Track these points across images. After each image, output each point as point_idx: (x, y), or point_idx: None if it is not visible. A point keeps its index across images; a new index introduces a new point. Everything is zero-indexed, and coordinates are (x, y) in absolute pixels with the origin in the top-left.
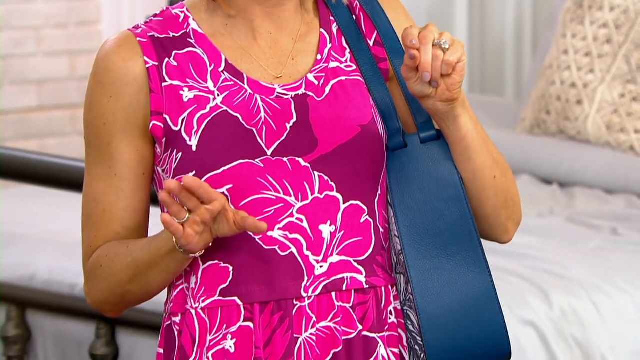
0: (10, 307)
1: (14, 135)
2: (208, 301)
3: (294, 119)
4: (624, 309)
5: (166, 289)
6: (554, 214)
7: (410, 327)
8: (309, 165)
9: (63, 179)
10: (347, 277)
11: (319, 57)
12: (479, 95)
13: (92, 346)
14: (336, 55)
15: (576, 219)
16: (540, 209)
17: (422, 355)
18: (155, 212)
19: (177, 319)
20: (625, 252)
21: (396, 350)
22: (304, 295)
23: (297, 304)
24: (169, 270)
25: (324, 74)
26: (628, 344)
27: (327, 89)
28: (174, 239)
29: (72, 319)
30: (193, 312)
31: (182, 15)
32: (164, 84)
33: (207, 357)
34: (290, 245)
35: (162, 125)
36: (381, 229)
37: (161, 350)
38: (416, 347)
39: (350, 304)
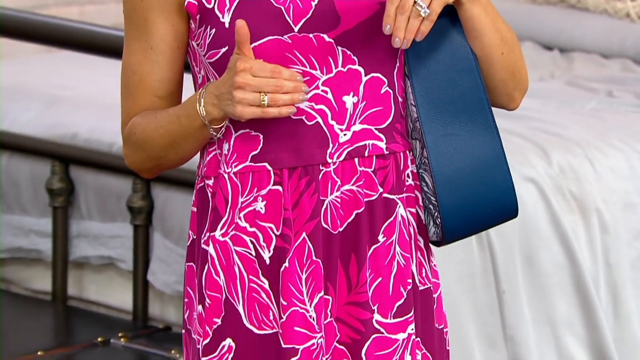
0: (54, 162)
1: (54, 2)
2: (240, 166)
3: None
4: (617, 165)
5: (199, 153)
6: (554, 78)
7: (425, 189)
8: (332, 41)
9: (102, 46)
10: (368, 144)
11: None
12: None
13: (129, 199)
14: None
15: (575, 82)
16: (542, 73)
17: (436, 214)
18: (187, 78)
19: (210, 182)
20: (620, 113)
21: (413, 210)
22: (329, 161)
23: (322, 169)
24: (204, 138)
25: None
26: (620, 197)
27: None
28: (203, 117)
29: (111, 174)
30: (226, 176)
31: None
32: None
33: (239, 218)
34: (316, 115)
35: (197, 3)
36: (400, 99)
37: (195, 209)
38: (430, 206)
39: (372, 169)
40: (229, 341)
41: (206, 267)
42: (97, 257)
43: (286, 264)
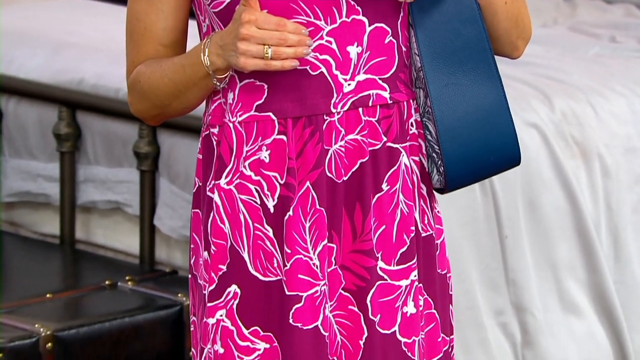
0: (61, 108)
1: None
2: (244, 116)
3: None
4: (619, 110)
5: (204, 102)
6: (557, 24)
7: (429, 137)
8: None
9: None
10: (372, 93)
11: None
12: None
13: (136, 145)
14: None
15: (577, 27)
16: (545, 19)
17: (439, 162)
18: (192, 24)
19: (216, 130)
20: (623, 58)
21: (417, 159)
22: (333, 111)
23: (327, 119)
24: (208, 88)
25: None
26: (622, 142)
27: None
28: (207, 67)
29: (118, 120)
30: (230, 125)
31: None
32: None
33: (244, 166)
34: (320, 65)
35: None
36: (404, 48)
37: (200, 157)
38: (434, 154)
39: (376, 118)
40: (234, 287)
41: (211, 214)
42: (104, 201)
43: (290, 213)
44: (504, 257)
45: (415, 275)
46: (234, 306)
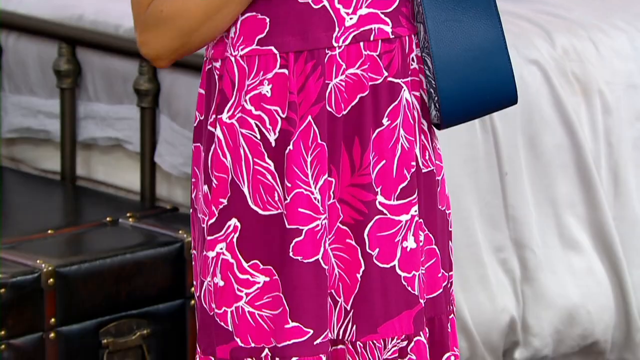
0: (61, 44)
1: None
2: (246, 49)
3: None
4: (620, 46)
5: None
6: None
7: (427, 72)
8: None
9: None
10: (374, 28)
11: None
12: None
13: (136, 82)
14: None
15: None
16: None
17: (436, 98)
18: None
19: (218, 64)
20: None
21: (417, 94)
22: (335, 45)
23: (328, 53)
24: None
25: None
26: (623, 78)
27: None
28: None
29: (118, 56)
30: (232, 59)
31: None
32: None
33: (246, 100)
34: None
35: None
36: None
37: (202, 91)
38: (431, 90)
39: (377, 53)
40: (234, 221)
41: (212, 148)
42: (104, 138)
43: (291, 147)
44: (504, 194)
45: (415, 211)
46: (234, 240)
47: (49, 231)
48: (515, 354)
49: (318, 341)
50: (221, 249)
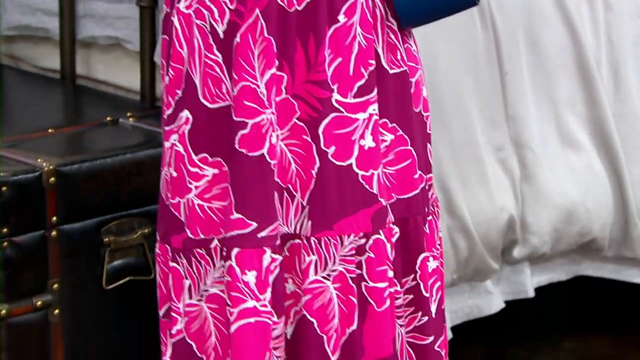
0: None
1: None
2: None
3: None
4: None
5: None
6: None
7: None
8: None
9: None
10: None
11: None
12: None
13: None
14: None
15: None
16: None
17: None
18: None
19: None
20: None
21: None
22: None
23: None
24: None
25: None
26: None
27: None
28: None
29: None
30: None
31: None
32: None
33: None
34: None
35: None
36: None
37: None
38: None
39: None
40: (186, 113)
41: (171, 39)
42: (104, 37)
43: (238, 39)
44: (504, 93)
45: (374, 110)
46: (186, 132)
47: (50, 130)
48: (513, 252)
49: (263, 234)
50: (175, 140)
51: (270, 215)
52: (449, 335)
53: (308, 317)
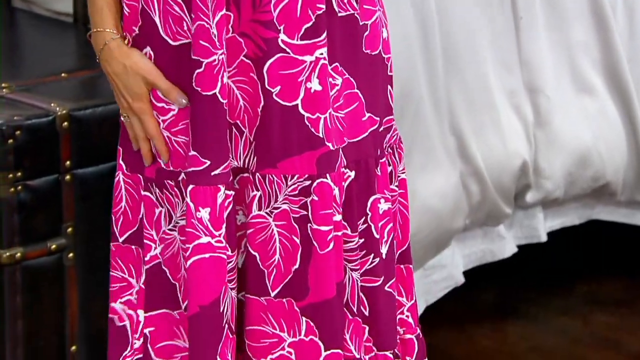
0: None
1: None
2: None
3: None
4: None
5: None
6: None
7: None
8: None
9: None
10: None
11: None
12: None
13: None
14: None
15: None
16: None
17: None
18: None
19: None
20: None
21: None
22: None
23: None
24: None
25: None
26: None
27: None
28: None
29: None
30: None
31: None
32: None
33: None
34: None
35: None
36: None
37: None
38: None
39: None
40: (148, 49)
41: None
42: None
43: None
44: (518, 38)
45: (322, 54)
46: None
47: (63, 74)
48: (526, 197)
49: (216, 172)
50: None
51: (223, 153)
52: (461, 279)
53: (251, 250)
